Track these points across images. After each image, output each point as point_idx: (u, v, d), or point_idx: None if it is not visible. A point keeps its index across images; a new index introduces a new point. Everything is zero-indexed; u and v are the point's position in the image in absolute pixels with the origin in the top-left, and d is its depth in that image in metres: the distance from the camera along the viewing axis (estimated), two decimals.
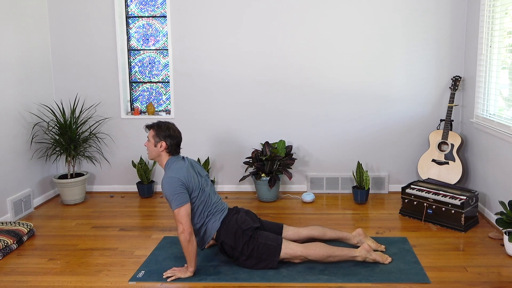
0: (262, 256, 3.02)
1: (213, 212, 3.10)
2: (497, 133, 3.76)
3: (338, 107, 4.69)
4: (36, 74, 4.54)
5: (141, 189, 4.75)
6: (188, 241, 2.90)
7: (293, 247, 3.05)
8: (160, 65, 4.93)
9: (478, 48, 4.14)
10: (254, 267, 3.05)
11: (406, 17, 4.51)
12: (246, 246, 3.01)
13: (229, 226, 3.06)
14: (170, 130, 3.10)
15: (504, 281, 2.88)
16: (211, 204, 3.11)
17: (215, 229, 3.07)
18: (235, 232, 3.04)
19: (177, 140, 3.13)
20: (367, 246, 3.11)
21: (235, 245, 3.02)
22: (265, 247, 3.02)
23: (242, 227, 3.05)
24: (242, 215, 3.14)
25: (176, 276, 2.96)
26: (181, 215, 2.90)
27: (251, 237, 3.03)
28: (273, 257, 3.02)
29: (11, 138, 4.16)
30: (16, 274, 3.09)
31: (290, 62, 4.64)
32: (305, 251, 3.04)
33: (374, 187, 4.75)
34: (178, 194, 2.91)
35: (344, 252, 3.08)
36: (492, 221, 3.85)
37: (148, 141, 3.11)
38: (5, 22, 4.07)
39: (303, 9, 4.55)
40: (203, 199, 3.06)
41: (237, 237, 3.03)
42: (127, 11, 4.85)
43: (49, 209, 4.44)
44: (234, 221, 3.08)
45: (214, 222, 3.07)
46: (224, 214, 3.13)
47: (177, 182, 2.93)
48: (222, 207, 3.17)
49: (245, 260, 3.04)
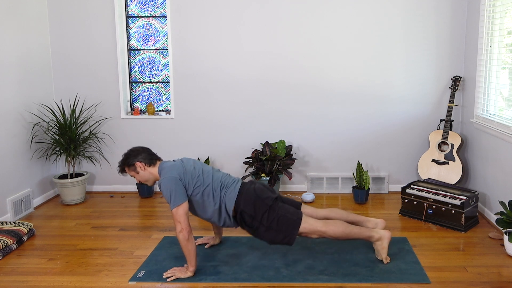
0: (281, 228, 2.99)
1: (226, 184, 3.08)
2: (497, 133, 3.76)
3: (338, 107, 4.69)
4: (36, 74, 4.54)
5: (141, 189, 4.75)
6: (187, 240, 2.90)
7: (312, 222, 3.03)
8: (160, 65, 4.93)
9: (478, 48, 4.14)
10: (273, 239, 3.02)
11: (406, 17, 4.51)
12: (266, 216, 2.98)
13: (248, 195, 3.03)
14: (130, 151, 3.13)
15: (504, 281, 2.88)
16: (219, 179, 3.09)
17: (233, 199, 3.03)
18: (254, 201, 3.00)
19: (143, 151, 3.13)
20: (389, 234, 3.11)
21: (255, 214, 2.99)
22: (285, 219, 2.99)
23: (261, 196, 3.02)
24: (259, 185, 3.13)
25: (176, 276, 2.96)
26: (179, 214, 2.89)
27: (271, 207, 3.00)
28: (292, 230, 2.99)
29: (11, 138, 4.16)
30: (16, 274, 3.09)
31: (290, 62, 4.65)
32: (324, 227, 3.01)
33: (374, 187, 4.75)
34: (175, 193, 2.90)
35: (362, 231, 3.08)
36: (492, 221, 3.85)
37: (135, 177, 3.14)
38: (5, 22, 4.07)
39: (303, 9, 4.55)
40: (209, 180, 3.05)
41: (257, 206, 2.99)
42: (127, 11, 4.85)
43: (49, 209, 4.44)
44: (252, 190, 3.06)
45: (231, 193, 3.04)
46: (238, 184, 3.10)
47: (172, 181, 2.93)
48: (233, 179, 3.15)
49: (264, 231, 3.00)
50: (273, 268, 3.08)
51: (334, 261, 3.17)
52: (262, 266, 3.12)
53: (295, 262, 3.16)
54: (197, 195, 3.01)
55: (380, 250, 3.12)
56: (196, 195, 3.01)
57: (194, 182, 3.01)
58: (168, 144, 4.86)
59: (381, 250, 3.12)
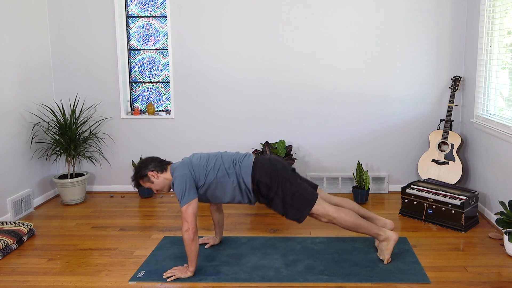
0: (294, 204, 3.00)
1: (238, 160, 3.09)
2: (497, 133, 3.76)
3: (338, 107, 4.69)
4: (36, 74, 4.54)
5: (141, 189, 4.75)
6: (191, 240, 2.90)
7: (326, 206, 3.05)
8: (160, 65, 4.93)
9: (478, 48, 4.14)
10: (285, 213, 3.04)
11: (406, 17, 4.51)
12: (282, 188, 2.99)
13: (263, 166, 3.04)
14: (140, 163, 3.14)
15: (504, 281, 2.88)
16: (230, 157, 3.11)
17: (249, 170, 3.03)
18: (270, 171, 3.02)
19: (152, 160, 3.14)
20: (396, 237, 3.11)
21: (271, 184, 2.99)
22: (300, 197, 3.01)
23: (276, 167, 3.04)
24: (275, 157, 3.16)
25: (176, 276, 2.96)
26: (188, 213, 2.90)
27: (287, 179, 3.02)
28: (305, 209, 3.00)
29: (11, 138, 4.16)
30: (16, 274, 3.09)
31: (290, 62, 4.64)
32: (336, 213, 3.02)
33: (374, 187, 4.75)
34: (185, 190, 2.91)
35: (371, 227, 3.09)
36: (492, 221, 3.85)
37: (151, 188, 3.15)
38: (5, 22, 4.07)
39: (303, 10, 4.55)
40: (219, 162, 3.06)
41: (273, 177, 3.00)
42: (127, 11, 4.85)
43: (49, 209, 4.44)
44: (268, 161, 3.08)
45: (245, 166, 3.05)
46: (251, 157, 3.13)
47: (182, 178, 2.94)
48: (244, 153, 3.18)
49: (279, 202, 3.01)
50: (273, 268, 3.08)
51: (334, 261, 3.17)
52: (262, 266, 3.12)
53: (295, 262, 3.16)
54: (212, 181, 3.02)
55: (384, 251, 3.12)
56: (211, 180, 3.02)
57: (205, 170, 3.02)
58: (168, 144, 4.86)
59: (385, 251, 3.11)
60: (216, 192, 3.07)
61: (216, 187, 3.04)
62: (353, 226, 3.05)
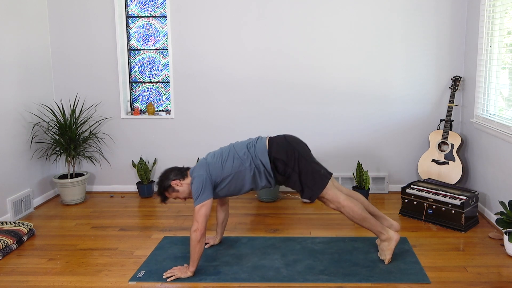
0: (308, 183, 3.03)
1: (252, 144, 3.12)
2: (497, 133, 3.76)
3: (338, 107, 4.69)
4: (36, 74, 4.54)
5: (141, 189, 4.75)
6: (198, 240, 2.91)
7: (337, 193, 3.07)
8: (160, 65, 4.93)
9: (478, 48, 4.14)
10: (302, 191, 3.06)
11: (406, 17, 4.51)
12: (298, 164, 3.02)
13: (279, 143, 3.08)
14: (161, 177, 3.14)
15: (504, 281, 2.88)
16: (243, 144, 3.14)
17: (265, 150, 3.05)
18: (286, 148, 3.05)
19: (171, 170, 3.15)
20: (398, 237, 3.11)
21: (287, 160, 3.02)
22: (315, 175, 3.03)
23: (292, 143, 3.08)
24: (290, 135, 3.20)
25: (176, 276, 2.96)
26: (200, 214, 2.91)
27: (302, 156, 3.05)
28: (317, 190, 3.03)
29: (11, 138, 4.16)
30: (16, 274, 3.09)
31: (290, 62, 4.64)
32: (346, 202, 3.04)
33: (374, 187, 4.75)
34: (201, 191, 2.94)
35: (376, 224, 3.09)
36: (492, 221, 3.85)
37: (178, 198, 3.15)
38: (5, 22, 4.07)
39: (303, 10, 4.55)
40: (232, 152, 3.09)
41: (289, 153, 3.03)
42: (127, 11, 4.85)
43: (49, 209, 4.44)
44: (283, 138, 3.12)
45: (260, 147, 3.07)
46: (264, 138, 3.15)
47: (199, 179, 2.96)
48: (256, 137, 3.21)
49: (296, 179, 3.03)
50: (273, 268, 3.08)
51: (334, 261, 3.17)
52: (262, 266, 3.12)
53: (295, 262, 3.16)
54: (230, 173, 3.03)
55: (385, 251, 3.12)
56: (229, 173, 3.03)
57: (221, 166, 3.04)
58: (168, 144, 4.86)
59: (386, 251, 3.11)
60: (238, 182, 3.08)
61: (236, 177, 3.06)
62: (359, 218, 3.06)
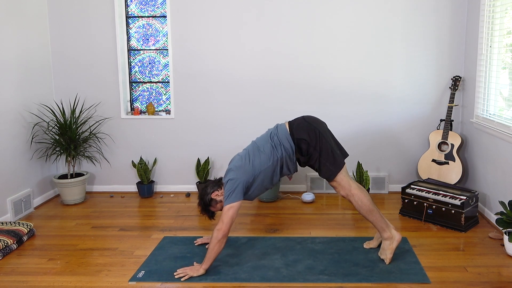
0: (327, 162, 3.06)
1: (273, 133, 3.14)
2: (497, 133, 3.76)
3: (338, 106, 4.69)
4: (36, 74, 4.54)
5: (141, 189, 4.75)
6: (218, 240, 2.93)
7: (349, 180, 3.11)
8: (160, 65, 4.93)
9: (478, 48, 4.14)
10: (319, 169, 3.09)
11: (406, 17, 4.51)
12: (319, 143, 3.05)
13: (299, 124, 3.12)
14: (200, 195, 3.20)
15: (504, 281, 2.88)
16: (264, 137, 3.16)
17: (287, 134, 3.08)
18: (307, 128, 3.09)
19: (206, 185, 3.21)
20: (399, 237, 3.11)
21: (309, 139, 3.05)
22: (334, 156, 3.06)
23: (312, 123, 3.12)
24: (309, 115, 3.25)
25: (189, 275, 2.95)
26: (227, 215, 2.94)
27: (323, 136, 3.07)
28: (334, 169, 3.06)
29: (11, 138, 4.16)
30: (16, 274, 3.09)
31: (290, 62, 4.64)
32: (356, 191, 3.07)
33: (374, 187, 4.75)
34: (232, 192, 2.97)
35: (382, 220, 3.11)
36: (492, 221, 3.85)
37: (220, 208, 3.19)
38: (5, 22, 4.07)
39: (303, 10, 4.55)
40: (256, 149, 3.11)
41: (310, 133, 3.07)
42: (127, 11, 4.85)
43: (49, 209, 4.44)
44: (302, 119, 3.17)
45: (283, 134, 3.09)
46: (282, 124, 3.18)
47: (231, 181, 3.00)
48: (275, 125, 3.23)
49: (316, 157, 3.05)
50: (273, 268, 3.08)
51: (334, 261, 3.17)
52: (262, 266, 3.12)
53: (295, 262, 3.16)
54: (262, 168, 3.05)
55: (386, 250, 3.12)
56: (262, 169, 3.05)
57: (251, 166, 3.04)
58: (168, 144, 4.86)
59: (387, 250, 3.11)
60: (268, 176, 3.10)
61: (267, 171, 3.07)
62: (367, 209, 3.08)
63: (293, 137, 3.09)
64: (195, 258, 3.25)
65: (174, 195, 4.81)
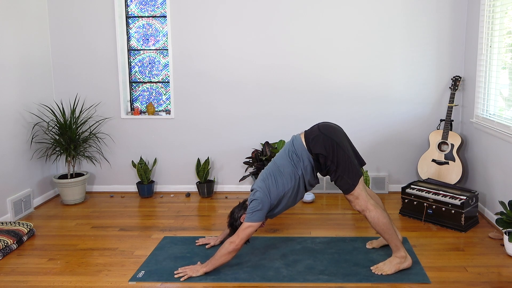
0: (344, 175, 2.95)
1: (289, 151, 3.06)
2: (497, 133, 3.76)
3: (338, 107, 4.69)
4: (36, 74, 4.54)
5: (141, 189, 4.75)
6: (229, 252, 2.93)
7: (366, 195, 2.99)
8: (160, 65, 4.93)
9: (478, 48, 4.14)
10: (336, 181, 3.00)
11: (406, 17, 4.51)
12: (336, 155, 2.94)
13: (315, 138, 2.98)
14: (230, 220, 3.17)
15: (504, 281, 2.88)
16: (282, 156, 3.07)
17: (305, 149, 3.00)
18: (323, 141, 2.96)
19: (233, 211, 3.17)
20: (411, 262, 3.04)
21: (326, 152, 2.94)
22: (351, 168, 2.96)
23: (327, 134, 2.99)
24: (323, 123, 3.12)
25: (188, 275, 2.96)
26: (245, 232, 2.93)
27: (339, 146, 2.97)
28: (352, 182, 2.96)
29: (11, 138, 4.16)
30: (16, 274, 3.09)
31: (290, 62, 4.65)
32: (373, 207, 2.96)
33: (374, 187, 4.75)
34: (255, 211, 2.95)
35: (397, 239, 3.02)
36: (492, 221, 3.85)
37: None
38: (5, 22, 4.07)
39: (303, 10, 4.55)
40: (276, 169, 3.04)
41: (327, 146, 2.95)
42: (127, 11, 4.85)
43: (49, 209, 4.44)
44: (317, 130, 3.02)
45: (301, 149, 3.00)
46: (297, 137, 3.07)
47: (257, 200, 2.96)
48: (289, 140, 3.15)
49: (333, 169, 2.96)
50: (273, 268, 3.08)
51: (334, 261, 3.18)
52: (262, 266, 3.12)
53: (295, 262, 3.16)
54: (285, 190, 3.00)
55: (391, 264, 3.01)
56: (284, 191, 3.00)
57: (275, 187, 2.99)
58: (168, 144, 4.86)
59: (392, 266, 3.00)
60: (293, 195, 3.06)
61: (292, 191, 3.03)
62: (383, 228, 2.96)
63: (310, 152, 3.00)
64: (195, 258, 3.26)
65: (174, 195, 4.81)
